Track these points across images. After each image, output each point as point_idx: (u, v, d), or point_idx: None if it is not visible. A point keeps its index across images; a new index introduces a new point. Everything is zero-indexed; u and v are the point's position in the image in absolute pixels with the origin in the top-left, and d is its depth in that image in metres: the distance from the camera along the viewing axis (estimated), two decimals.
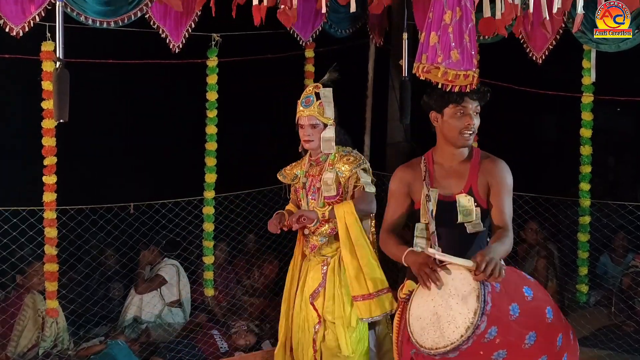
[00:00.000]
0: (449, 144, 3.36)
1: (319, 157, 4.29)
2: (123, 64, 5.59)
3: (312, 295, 4.23)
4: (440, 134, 3.39)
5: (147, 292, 5.99)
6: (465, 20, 3.50)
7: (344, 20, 5.96)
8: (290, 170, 4.47)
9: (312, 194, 4.27)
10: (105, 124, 7.68)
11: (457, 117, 3.30)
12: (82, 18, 4.62)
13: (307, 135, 4.24)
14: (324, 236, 4.24)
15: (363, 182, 4.18)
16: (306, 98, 4.26)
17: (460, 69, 3.39)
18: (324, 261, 4.24)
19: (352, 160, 4.22)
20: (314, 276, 4.25)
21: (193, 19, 5.09)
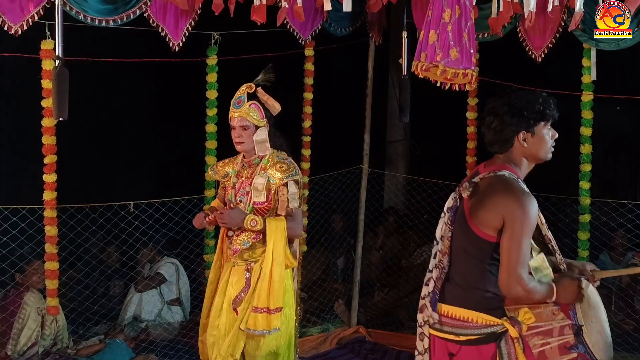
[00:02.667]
0: (533, 162, 3.19)
1: (252, 160, 4.14)
2: (123, 63, 5.58)
3: (235, 302, 4.07)
4: (525, 154, 3.15)
5: (147, 291, 5.99)
6: (465, 18, 3.50)
7: (344, 19, 5.95)
8: (223, 167, 4.32)
9: (240, 196, 4.12)
10: (105, 123, 7.68)
11: (548, 134, 3.17)
12: (81, 16, 4.62)
13: (237, 137, 4.10)
14: (248, 241, 4.08)
15: (289, 196, 4.06)
16: (238, 99, 4.12)
17: (459, 68, 3.38)
18: (247, 266, 4.08)
19: (285, 169, 4.07)
20: (237, 281, 4.09)
21: (193, 17, 5.09)
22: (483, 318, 3.01)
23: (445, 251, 3.17)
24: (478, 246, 3.05)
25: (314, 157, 6.33)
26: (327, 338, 6.31)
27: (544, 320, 3.03)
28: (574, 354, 3.00)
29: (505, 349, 3.00)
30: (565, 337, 3.01)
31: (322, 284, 6.81)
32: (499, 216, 2.98)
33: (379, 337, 6.38)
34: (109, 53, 5.48)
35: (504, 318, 3.00)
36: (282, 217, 4.05)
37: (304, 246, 6.41)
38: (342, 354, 6.14)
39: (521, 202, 2.98)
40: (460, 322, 3.05)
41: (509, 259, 2.96)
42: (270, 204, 4.07)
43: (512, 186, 3.04)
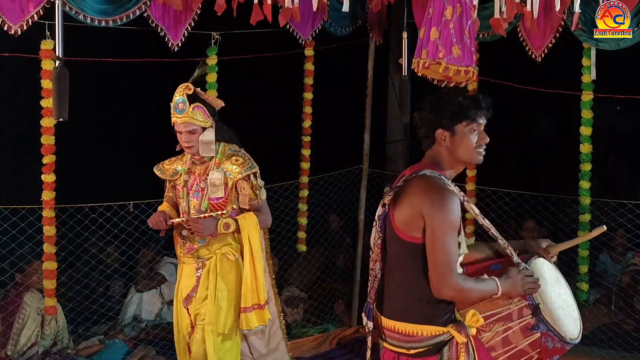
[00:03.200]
0: (457, 163, 3.05)
1: (203, 156, 4.05)
2: (122, 63, 5.58)
3: (186, 300, 4.04)
4: (446, 153, 3.01)
5: (147, 291, 5.99)
6: (466, 16, 3.50)
7: (344, 19, 5.95)
8: (170, 165, 4.21)
9: (194, 193, 4.04)
10: (104, 123, 7.68)
11: (472, 135, 3.00)
12: (81, 17, 4.62)
13: (186, 142, 4.00)
14: (204, 238, 4.00)
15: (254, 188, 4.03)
16: (178, 103, 3.98)
17: (462, 65, 3.37)
18: (199, 264, 4.03)
19: (242, 162, 4.03)
20: (188, 281, 4.05)
21: (192, 17, 5.09)
22: (428, 330, 2.91)
23: (375, 259, 3.08)
24: (408, 252, 2.93)
25: (314, 157, 6.33)
26: (327, 338, 6.31)
27: (501, 305, 2.97)
28: (537, 334, 2.95)
29: (446, 356, 2.90)
30: (525, 319, 2.95)
31: (322, 284, 6.81)
32: (418, 215, 2.88)
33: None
34: (109, 53, 5.48)
35: (450, 325, 2.91)
36: (251, 213, 4.01)
37: (303, 246, 6.42)
38: (342, 354, 6.13)
39: (437, 197, 2.87)
40: (407, 337, 2.94)
41: (434, 259, 2.84)
42: (227, 199, 4.00)
43: (428, 184, 2.93)
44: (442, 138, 3.00)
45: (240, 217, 3.98)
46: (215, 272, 4.00)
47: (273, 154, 7.49)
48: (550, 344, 2.96)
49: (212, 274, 4.00)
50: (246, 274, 3.98)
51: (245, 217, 4.00)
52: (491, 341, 2.95)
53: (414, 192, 2.93)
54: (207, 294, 3.98)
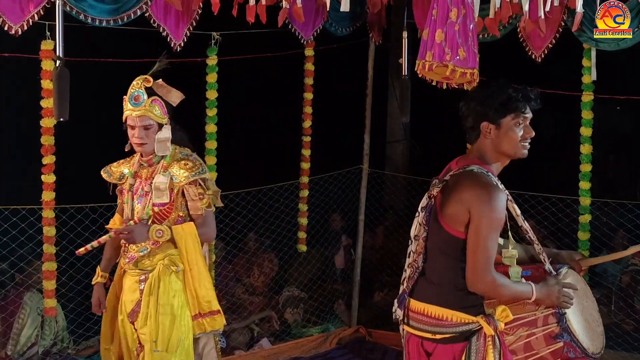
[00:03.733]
0: (502, 156, 3.05)
1: (151, 158, 3.80)
2: (123, 63, 5.58)
3: (131, 315, 3.78)
4: (491, 146, 3.03)
5: None
6: (469, 18, 3.50)
7: (344, 19, 5.96)
8: (117, 167, 3.97)
9: (139, 198, 3.79)
10: (104, 123, 7.66)
11: (518, 128, 3.00)
12: (81, 17, 4.62)
13: (138, 138, 3.73)
14: (145, 247, 3.74)
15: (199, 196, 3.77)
16: (135, 94, 3.75)
17: (467, 67, 3.37)
18: (142, 276, 3.77)
19: (191, 167, 3.76)
20: (132, 295, 3.79)
21: (194, 18, 5.08)
22: (458, 316, 2.95)
23: (419, 251, 3.11)
24: (449, 243, 2.98)
25: (314, 157, 6.33)
26: (327, 338, 6.32)
27: (528, 310, 2.98)
28: (560, 343, 2.95)
29: (475, 345, 2.93)
30: (550, 327, 2.96)
31: (322, 284, 6.81)
32: (465, 211, 2.92)
33: (379, 337, 6.38)
34: (109, 53, 5.48)
35: (480, 316, 2.94)
36: (190, 223, 3.76)
37: (303, 246, 6.42)
38: (342, 354, 6.15)
39: (486, 195, 2.90)
40: (435, 320, 2.99)
41: (474, 254, 2.89)
42: (172, 205, 3.75)
43: (478, 180, 2.96)
44: (487, 131, 3.01)
45: (176, 227, 3.72)
46: (158, 285, 3.73)
47: (273, 154, 7.50)
48: (572, 355, 2.97)
49: (154, 287, 3.73)
50: (187, 285, 3.77)
51: (182, 227, 3.74)
52: (513, 345, 2.96)
53: (462, 187, 2.97)
54: (151, 312, 3.72)
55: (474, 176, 2.97)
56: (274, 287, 6.74)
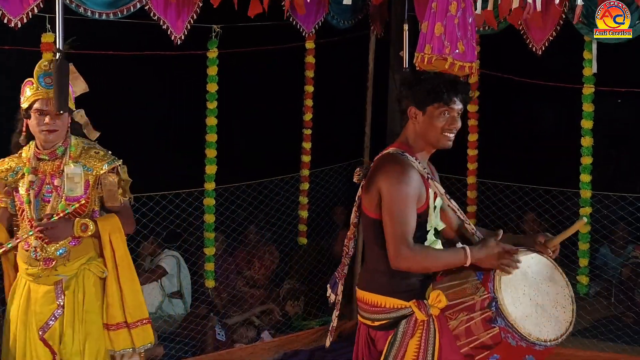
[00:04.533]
0: (426, 144, 3.07)
1: (55, 150, 3.42)
2: (123, 56, 5.58)
3: (42, 329, 3.35)
4: (417, 132, 3.06)
5: (148, 283, 6.00)
6: (468, 11, 3.51)
7: (346, 12, 5.95)
8: (2, 165, 3.50)
9: (45, 195, 3.39)
10: (104, 116, 7.65)
11: (442, 118, 3.01)
12: (81, 10, 4.61)
13: (49, 125, 3.36)
14: (64, 247, 3.36)
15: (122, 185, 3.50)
16: (46, 75, 3.40)
17: (466, 61, 3.38)
18: (59, 283, 3.37)
19: (103, 155, 3.48)
20: (44, 303, 3.36)
21: (195, 11, 5.07)
22: (391, 302, 2.97)
23: (350, 237, 3.22)
24: (371, 228, 3.02)
25: (315, 150, 6.33)
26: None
27: (468, 294, 2.92)
28: (496, 328, 2.86)
29: (402, 329, 2.94)
30: (487, 311, 2.88)
31: (322, 277, 6.81)
32: (376, 192, 2.97)
33: None
34: (111, 46, 5.47)
35: (412, 301, 2.93)
36: (113, 215, 3.44)
37: (304, 239, 6.42)
38: (343, 347, 6.15)
39: (393, 171, 2.94)
40: (372, 307, 3.02)
41: (388, 231, 2.90)
42: (88, 199, 3.43)
43: (388, 160, 3.01)
44: (413, 115, 3.06)
45: (100, 219, 3.41)
46: (82, 292, 3.40)
47: (274, 146, 7.50)
48: (512, 341, 2.85)
49: (78, 295, 3.39)
50: (109, 286, 3.41)
51: (106, 219, 3.43)
52: (456, 330, 2.93)
53: (375, 169, 3.04)
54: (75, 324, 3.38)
55: (387, 157, 3.03)
56: (275, 280, 6.75)
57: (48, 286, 3.39)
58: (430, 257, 2.92)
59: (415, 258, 2.88)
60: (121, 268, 3.45)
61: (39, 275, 3.38)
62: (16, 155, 3.52)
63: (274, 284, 6.72)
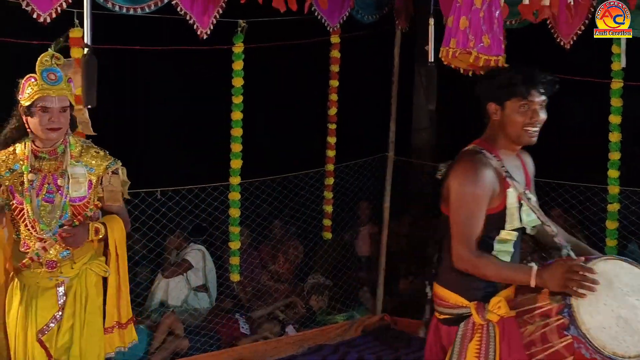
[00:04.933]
0: (510, 141, 2.96)
1: (55, 148, 3.30)
2: (149, 51, 5.61)
3: (42, 331, 3.25)
4: (498, 128, 2.96)
5: (174, 277, 6.05)
6: (495, 5, 3.48)
7: (371, 6, 5.95)
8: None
9: (46, 195, 3.27)
10: (131, 110, 7.73)
11: (522, 112, 2.90)
12: (109, 5, 4.64)
13: (54, 124, 3.23)
14: (67, 249, 3.28)
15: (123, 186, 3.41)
16: (49, 72, 3.25)
17: (491, 55, 3.35)
18: (60, 284, 3.29)
19: (103, 155, 3.39)
20: (46, 306, 3.26)
21: (220, 5, 5.09)
22: (455, 298, 2.93)
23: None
24: (445, 223, 2.98)
25: (339, 145, 6.33)
26: (352, 325, 6.33)
27: (543, 300, 2.79)
28: (569, 337, 2.72)
29: (461, 331, 2.90)
30: (561, 318, 2.74)
31: (347, 272, 6.82)
32: (447, 188, 2.93)
33: (404, 325, 6.38)
34: (137, 41, 5.51)
35: (473, 302, 2.88)
36: (114, 216, 3.38)
37: (328, 234, 6.42)
38: (367, 342, 6.16)
39: (463, 169, 2.87)
40: (439, 300, 3.00)
41: (453, 230, 2.85)
42: (90, 200, 3.34)
43: (464, 158, 2.93)
44: (493, 112, 2.96)
45: (106, 220, 3.35)
46: (85, 293, 3.32)
47: (299, 141, 7.50)
48: (585, 353, 2.69)
49: (79, 296, 3.31)
50: (112, 291, 3.37)
51: (111, 220, 3.36)
52: (532, 335, 2.82)
53: (451, 166, 2.97)
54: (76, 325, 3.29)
55: (464, 154, 2.96)
56: (299, 275, 6.77)
57: (49, 288, 3.29)
58: (491, 267, 2.83)
59: (475, 263, 2.82)
60: (122, 269, 3.41)
61: (40, 277, 3.28)
62: (9, 151, 3.34)
63: (298, 278, 6.74)
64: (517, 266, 2.85)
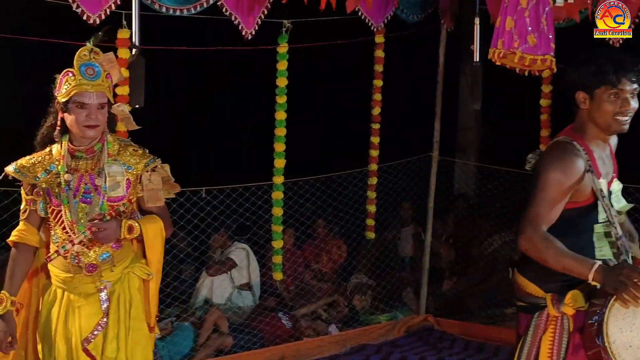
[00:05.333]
0: (600, 131, 2.89)
1: (92, 146, 3.12)
2: (194, 51, 5.66)
3: (88, 339, 3.08)
4: (587, 117, 2.89)
5: (218, 275, 6.10)
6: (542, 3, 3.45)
7: (415, 5, 5.92)
8: (35, 164, 3.14)
9: (83, 195, 3.09)
10: (177, 110, 7.82)
11: (611, 101, 2.83)
12: (156, 6, 4.70)
13: (92, 121, 3.06)
14: (107, 252, 3.12)
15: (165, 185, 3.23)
16: (87, 66, 3.07)
17: (538, 54, 3.32)
18: (102, 290, 3.11)
19: (142, 152, 3.21)
20: (89, 314, 3.09)
21: (265, 6, 5.12)
22: (532, 288, 2.92)
23: None
24: None
25: (383, 145, 6.32)
26: (395, 326, 6.31)
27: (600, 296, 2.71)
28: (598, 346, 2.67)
29: (535, 321, 2.88)
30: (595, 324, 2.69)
31: (390, 272, 6.81)
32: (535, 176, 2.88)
33: (448, 326, 6.34)
34: (184, 42, 5.57)
35: (550, 294, 2.84)
36: (155, 216, 3.18)
37: (371, 233, 6.41)
38: (410, 342, 6.13)
39: (550, 158, 2.83)
40: (518, 289, 2.99)
41: (525, 211, 2.80)
42: (129, 199, 3.17)
43: (552, 147, 2.90)
44: (581, 100, 2.90)
45: (145, 221, 3.14)
46: (129, 297, 3.15)
47: (342, 141, 7.51)
48: None
49: (123, 301, 3.14)
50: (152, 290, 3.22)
51: (149, 221, 3.16)
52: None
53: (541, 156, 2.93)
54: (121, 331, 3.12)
55: (553, 144, 2.92)
56: (342, 274, 6.77)
57: (91, 294, 3.11)
58: (551, 252, 2.74)
59: (538, 245, 2.75)
60: (157, 276, 3.24)
61: (81, 282, 3.11)
62: (46, 152, 3.16)
63: (342, 277, 6.74)
64: (581, 258, 2.75)
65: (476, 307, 6.46)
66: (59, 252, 3.09)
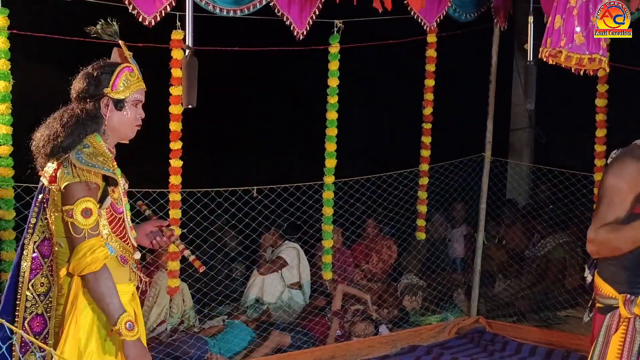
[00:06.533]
0: None
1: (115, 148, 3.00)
2: (244, 52, 5.71)
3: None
4: None
5: (269, 274, 6.14)
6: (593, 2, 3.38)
7: (468, 4, 5.87)
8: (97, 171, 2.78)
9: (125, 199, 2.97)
10: (230, 110, 7.89)
11: None
12: (210, 7, 4.76)
13: (140, 117, 2.96)
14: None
15: None
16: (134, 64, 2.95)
17: (585, 53, 3.26)
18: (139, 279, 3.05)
19: None
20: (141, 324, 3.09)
21: (317, 6, 5.13)
22: (606, 289, 2.94)
23: None
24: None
25: (435, 145, 6.27)
26: (446, 327, 6.27)
27: None
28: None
29: (607, 322, 2.91)
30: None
31: (441, 273, 6.76)
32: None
33: (500, 328, 6.27)
34: (236, 42, 5.62)
35: (622, 294, 2.87)
36: None
37: (422, 234, 6.37)
38: (461, 344, 6.08)
39: (617, 161, 2.87)
40: (596, 289, 3.02)
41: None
42: None
43: (626, 149, 2.92)
44: None
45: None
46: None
47: (393, 141, 7.49)
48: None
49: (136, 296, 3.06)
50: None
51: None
52: None
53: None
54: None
55: (629, 147, 2.93)
56: (392, 274, 6.75)
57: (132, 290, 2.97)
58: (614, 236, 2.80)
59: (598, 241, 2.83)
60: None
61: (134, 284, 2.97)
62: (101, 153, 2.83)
63: (392, 278, 6.72)
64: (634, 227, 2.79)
65: (529, 310, 6.37)
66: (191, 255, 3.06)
